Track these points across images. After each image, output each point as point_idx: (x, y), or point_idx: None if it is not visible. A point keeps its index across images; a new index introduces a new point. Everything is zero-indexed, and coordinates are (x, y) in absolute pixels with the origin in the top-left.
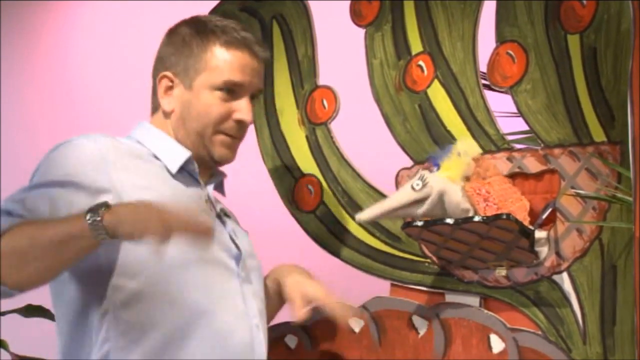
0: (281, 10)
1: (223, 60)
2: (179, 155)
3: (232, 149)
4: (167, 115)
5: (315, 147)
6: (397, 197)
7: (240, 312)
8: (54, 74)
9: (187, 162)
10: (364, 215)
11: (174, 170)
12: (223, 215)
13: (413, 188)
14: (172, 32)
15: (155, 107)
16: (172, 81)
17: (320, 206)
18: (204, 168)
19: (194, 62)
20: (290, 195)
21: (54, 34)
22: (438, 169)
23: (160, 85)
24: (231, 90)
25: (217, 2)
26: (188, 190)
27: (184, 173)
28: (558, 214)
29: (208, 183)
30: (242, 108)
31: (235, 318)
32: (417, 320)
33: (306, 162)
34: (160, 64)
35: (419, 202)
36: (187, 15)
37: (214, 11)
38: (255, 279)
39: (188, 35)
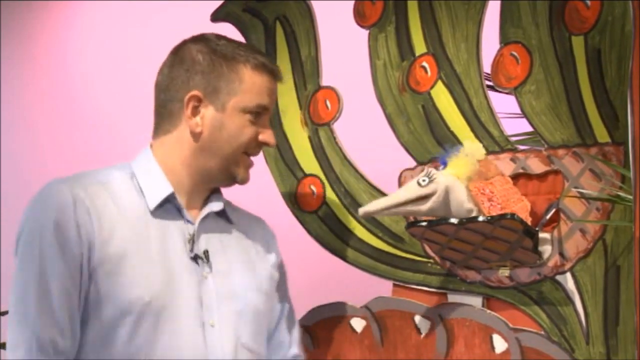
0: (284, 11)
1: (253, 84)
2: (159, 192)
3: (249, 170)
4: (195, 135)
5: (318, 148)
6: (403, 193)
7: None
8: (54, 73)
9: (170, 198)
10: (368, 208)
11: (151, 207)
12: (203, 256)
13: (419, 184)
14: (185, 53)
15: (168, 129)
16: (199, 101)
17: (322, 207)
18: (203, 190)
19: (226, 85)
20: (292, 195)
21: (53, 34)
22: (445, 167)
23: (189, 106)
24: (258, 113)
25: (221, 2)
26: (164, 228)
27: (169, 207)
28: (561, 215)
29: (203, 210)
30: (268, 131)
31: None
32: (419, 320)
33: (309, 163)
34: (181, 84)
35: (424, 198)
36: (187, 15)
37: (217, 12)
38: (233, 323)
39: (213, 56)
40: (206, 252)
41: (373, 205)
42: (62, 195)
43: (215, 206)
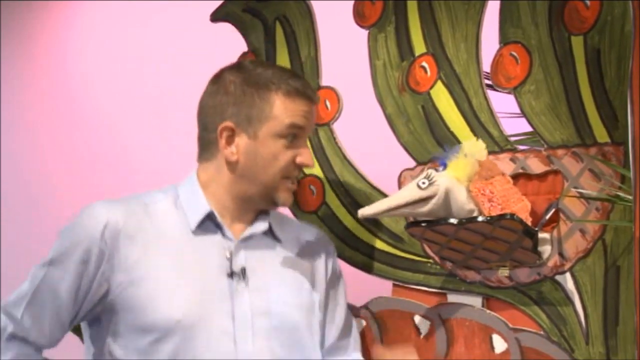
0: (284, 11)
1: (284, 109)
2: (200, 211)
3: (291, 193)
4: (231, 164)
5: (317, 148)
6: (403, 195)
7: None
8: (54, 74)
9: (209, 218)
10: (367, 210)
11: (192, 226)
12: (240, 273)
13: (419, 186)
14: (220, 83)
15: (207, 157)
16: (232, 131)
17: (322, 207)
18: (249, 211)
19: (258, 113)
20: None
21: (53, 34)
22: (444, 168)
23: (222, 136)
24: (293, 135)
25: (220, 2)
26: (203, 246)
27: (209, 226)
28: (561, 215)
29: (247, 230)
30: (306, 153)
31: None
32: (419, 320)
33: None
34: (217, 115)
35: (424, 200)
36: (186, 15)
37: (217, 12)
38: (268, 339)
39: (245, 86)
40: (243, 270)
41: (372, 208)
42: (95, 217)
43: (260, 227)
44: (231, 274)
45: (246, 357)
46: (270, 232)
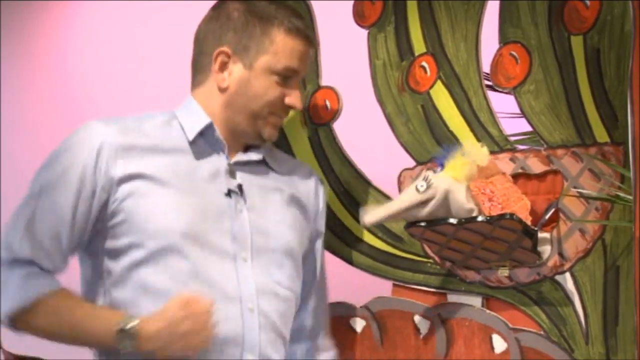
0: None
1: (284, 47)
2: (198, 123)
3: (278, 129)
4: (221, 90)
5: (317, 148)
6: (402, 199)
7: (230, 297)
8: (54, 73)
9: (207, 130)
10: (369, 219)
11: (190, 137)
12: (238, 190)
13: (417, 190)
14: (222, 9)
15: (200, 81)
16: (228, 57)
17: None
18: (237, 142)
19: (256, 44)
20: None
21: (53, 34)
22: (442, 169)
23: (217, 61)
24: (286, 76)
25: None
26: (200, 161)
27: (208, 141)
28: (561, 215)
29: (241, 155)
30: (295, 95)
31: (220, 304)
32: (419, 320)
33: (308, 162)
34: (214, 39)
35: (423, 203)
36: (186, 15)
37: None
38: (266, 260)
39: (248, 15)
40: (240, 186)
41: (373, 216)
42: (92, 135)
43: (254, 155)
44: (229, 193)
45: (246, 277)
46: (264, 163)
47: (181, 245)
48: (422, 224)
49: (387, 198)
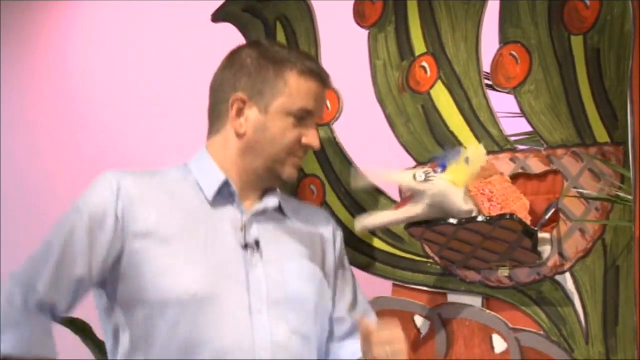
0: (285, 11)
1: (298, 89)
2: (215, 181)
3: (298, 169)
4: (239, 136)
5: None
6: (396, 176)
7: (241, 348)
8: (54, 73)
9: (224, 187)
10: (364, 227)
11: (210, 197)
12: (254, 245)
13: (414, 177)
14: (236, 57)
15: (218, 129)
16: (244, 103)
17: (322, 207)
18: (256, 188)
19: (271, 87)
20: (293, 195)
21: (53, 34)
22: (443, 170)
23: (233, 107)
24: (302, 117)
25: (221, 3)
26: (217, 218)
27: (225, 196)
28: (561, 215)
29: (258, 205)
30: (312, 135)
31: (232, 355)
32: (419, 320)
33: (309, 163)
34: (229, 87)
35: (416, 207)
36: (187, 15)
37: (217, 12)
38: (283, 310)
39: (261, 60)
40: (257, 241)
41: (369, 222)
42: (108, 183)
43: (271, 202)
44: (245, 246)
45: (261, 327)
46: (279, 209)
47: (195, 302)
48: (422, 224)
49: (388, 198)
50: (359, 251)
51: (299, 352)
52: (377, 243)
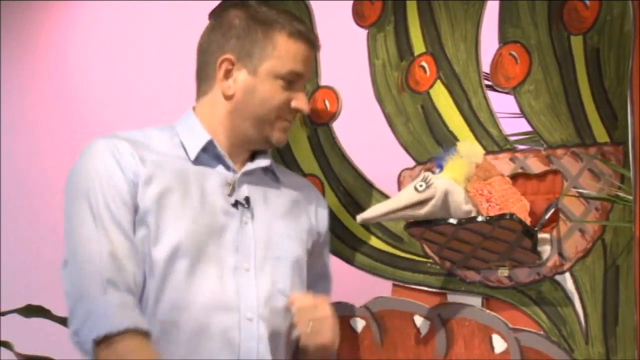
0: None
1: (287, 51)
2: (199, 141)
3: (287, 133)
4: (227, 98)
5: (317, 148)
6: (400, 198)
7: (227, 307)
8: (54, 73)
9: (209, 147)
10: (366, 215)
11: (192, 156)
12: (244, 202)
13: (416, 189)
14: (224, 17)
15: (205, 90)
16: (232, 65)
17: None
18: (244, 150)
19: (260, 49)
20: None
21: (53, 34)
22: (441, 170)
23: (221, 68)
24: (291, 80)
25: (218, 2)
26: (205, 175)
27: (210, 156)
28: (561, 215)
29: (249, 164)
30: (301, 98)
31: (217, 313)
32: (419, 320)
33: (308, 163)
34: (218, 48)
35: (422, 203)
36: (187, 15)
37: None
38: (270, 269)
39: (249, 21)
40: (247, 199)
41: (370, 213)
42: (103, 146)
43: (262, 162)
44: (235, 204)
45: (248, 287)
46: (270, 171)
47: (181, 258)
48: (422, 224)
49: (387, 198)
50: (359, 251)
51: (283, 312)
52: (377, 243)
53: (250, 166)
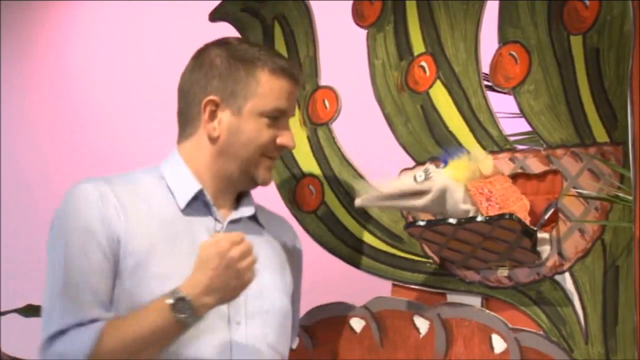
0: (283, 11)
1: (270, 88)
2: (189, 190)
3: (271, 172)
4: (212, 140)
5: (316, 148)
6: (397, 184)
7: None
8: (54, 73)
9: (199, 195)
10: (364, 198)
11: (182, 205)
12: None
13: (415, 179)
14: (204, 57)
15: (190, 133)
16: (216, 106)
17: (321, 206)
18: (230, 193)
19: (243, 88)
20: (291, 195)
21: (53, 34)
22: (445, 165)
23: (206, 110)
24: (275, 117)
25: (219, 2)
26: (193, 227)
27: (199, 205)
28: (560, 215)
29: (234, 213)
30: (287, 135)
31: None
32: (418, 320)
33: (307, 163)
34: (200, 89)
35: (418, 194)
36: (187, 15)
37: (215, 11)
38: (260, 321)
39: (231, 60)
40: None
41: (368, 197)
42: (88, 193)
43: (247, 211)
44: None
45: (240, 340)
46: (254, 218)
47: None
48: (422, 223)
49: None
50: (359, 251)
51: None
52: (377, 243)
53: (235, 215)
